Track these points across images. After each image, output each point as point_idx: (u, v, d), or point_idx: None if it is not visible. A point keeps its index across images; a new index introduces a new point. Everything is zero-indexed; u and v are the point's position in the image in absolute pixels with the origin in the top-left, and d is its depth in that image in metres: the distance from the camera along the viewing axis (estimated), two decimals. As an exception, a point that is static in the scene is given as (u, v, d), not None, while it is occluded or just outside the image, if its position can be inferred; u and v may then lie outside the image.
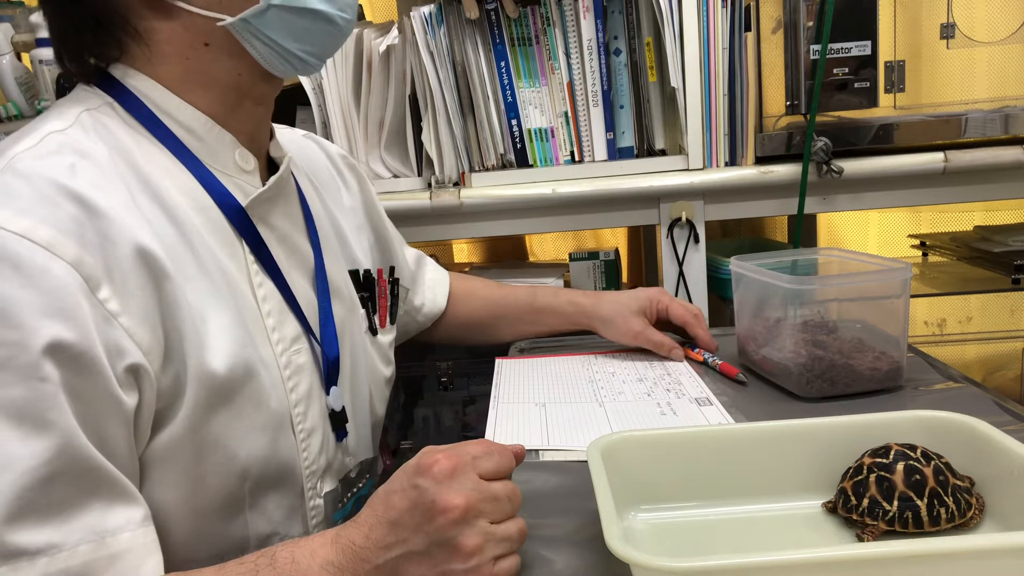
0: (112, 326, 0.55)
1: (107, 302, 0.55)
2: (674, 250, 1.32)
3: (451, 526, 0.51)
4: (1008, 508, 0.57)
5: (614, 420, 0.82)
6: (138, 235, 0.58)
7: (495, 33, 1.29)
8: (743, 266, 0.94)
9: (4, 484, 0.49)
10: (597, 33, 1.29)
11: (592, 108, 1.31)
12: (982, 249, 1.45)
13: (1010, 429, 0.60)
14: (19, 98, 1.55)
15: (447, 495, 0.52)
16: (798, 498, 0.63)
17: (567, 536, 0.62)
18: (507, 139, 1.31)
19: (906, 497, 0.57)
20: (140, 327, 0.57)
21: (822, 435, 0.64)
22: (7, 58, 1.55)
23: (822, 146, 1.23)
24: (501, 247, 1.97)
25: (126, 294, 0.57)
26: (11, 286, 0.51)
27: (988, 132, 1.24)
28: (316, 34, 0.68)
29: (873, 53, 1.24)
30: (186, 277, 0.61)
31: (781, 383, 0.89)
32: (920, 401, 0.83)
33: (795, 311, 0.87)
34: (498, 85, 1.30)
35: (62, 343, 0.52)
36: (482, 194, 1.30)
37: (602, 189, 1.29)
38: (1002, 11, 1.23)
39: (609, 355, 1.05)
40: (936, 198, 1.30)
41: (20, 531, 0.49)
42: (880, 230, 1.89)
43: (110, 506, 0.54)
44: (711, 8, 1.24)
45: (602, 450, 0.61)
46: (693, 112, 1.28)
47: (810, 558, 0.46)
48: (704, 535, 0.61)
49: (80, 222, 0.55)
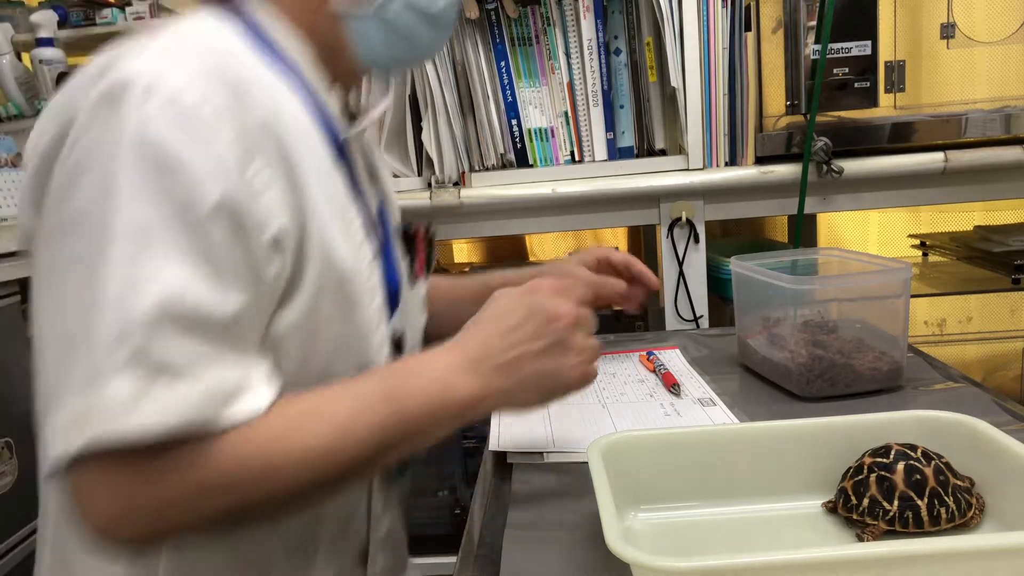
0: (262, 197, 0.58)
1: (258, 174, 0.58)
2: (674, 250, 1.32)
3: (564, 329, 0.63)
4: (1008, 508, 0.57)
5: (618, 421, 0.82)
6: (279, 120, 0.61)
7: (495, 33, 1.29)
8: (743, 266, 0.94)
9: (151, 306, 0.51)
10: (597, 33, 1.29)
11: (592, 108, 1.31)
12: (982, 249, 1.45)
13: (1010, 429, 0.60)
14: (19, 98, 1.55)
15: (561, 306, 0.63)
16: (798, 498, 0.63)
17: (567, 536, 0.62)
18: (507, 139, 1.31)
19: (906, 497, 0.57)
20: (281, 204, 0.59)
21: (822, 435, 0.64)
22: (7, 58, 1.55)
23: (822, 146, 1.23)
24: (501, 247, 1.97)
25: (272, 171, 0.59)
26: (185, 145, 0.53)
27: (988, 132, 1.24)
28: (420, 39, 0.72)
29: (873, 53, 1.24)
30: (310, 173, 0.64)
31: (781, 383, 0.89)
32: (920, 401, 0.83)
33: (795, 311, 0.87)
34: (498, 85, 1.30)
35: (227, 203, 0.54)
36: (482, 194, 1.30)
37: (602, 189, 1.29)
38: (1002, 11, 1.23)
39: (609, 356, 1.05)
40: (936, 198, 1.30)
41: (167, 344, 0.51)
42: (880, 230, 1.89)
43: (245, 356, 0.56)
44: (711, 8, 1.24)
45: (602, 450, 0.61)
46: (693, 112, 1.28)
47: (810, 558, 0.46)
48: (704, 535, 0.61)
49: (241, 98, 0.58)
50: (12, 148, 1.34)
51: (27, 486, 1.14)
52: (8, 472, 1.11)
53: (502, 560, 0.59)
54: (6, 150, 1.33)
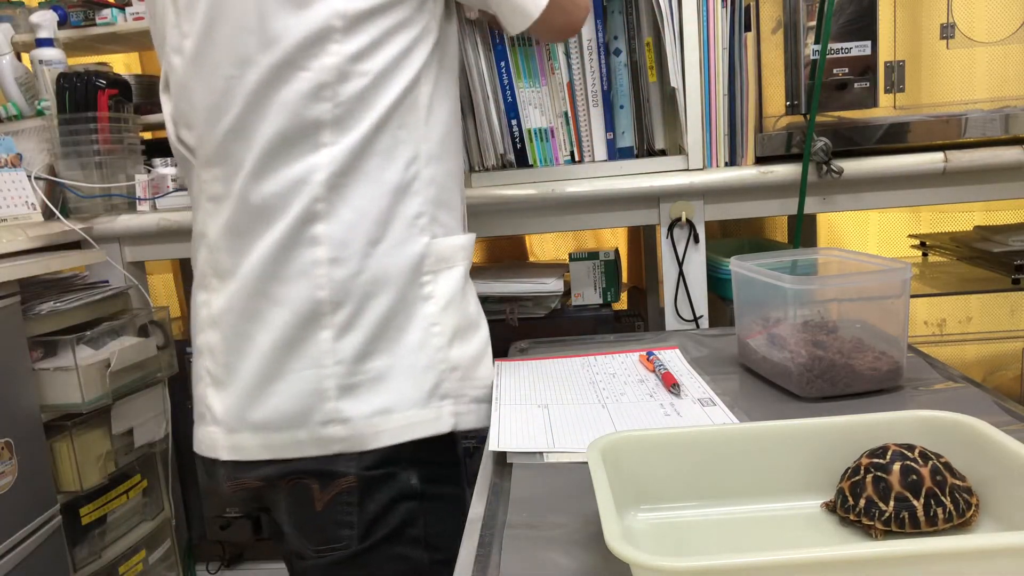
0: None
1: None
2: (674, 250, 1.32)
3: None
4: (1008, 508, 0.57)
5: (618, 421, 0.82)
6: None
7: (495, 33, 1.29)
8: (743, 266, 0.95)
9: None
10: (597, 33, 1.29)
11: (592, 108, 1.31)
12: (982, 249, 1.45)
13: (1010, 429, 0.60)
14: (19, 98, 1.55)
15: None
16: (798, 498, 0.63)
17: (567, 536, 0.62)
18: (507, 139, 1.31)
19: (902, 497, 0.57)
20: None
21: (822, 435, 0.64)
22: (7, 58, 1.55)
23: (822, 146, 1.23)
24: (501, 247, 1.97)
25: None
26: None
27: (988, 132, 1.24)
28: None
29: (873, 53, 1.24)
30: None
31: (781, 383, 0.89)
32: (920, 401, 0.83)
33: (795, 311, 0.87)
34: (498, 85, 1.30)
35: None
36: (482, 194, 1.30)
37: (602, 189, 1.29)
38: (1002, 11, 1.23)
39: (609, 356, 1.05)
40: (936, 198, 1.30)
41: None
42: (880, 230, 1.89)
43: None
44: (711, 8, 1.24)
45: (602, 450, 0.61)
46: (693, 112, 1.28)
47: (810, 558, 0.46)
48: (704, 535, 0.61)
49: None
50: (12, 148, 1.34)
51: (27, 486, 1.14)
52: (8, 472, 1.11)
53: (502, 560, 0.59)
54: (6, 150, 1.33)
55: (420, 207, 0.87)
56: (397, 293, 0.85)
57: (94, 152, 1.39)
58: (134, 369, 1.33)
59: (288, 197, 0.82)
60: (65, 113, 1.38)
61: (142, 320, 1.38)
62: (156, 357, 1.39)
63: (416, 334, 0.86)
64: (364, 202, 0.83)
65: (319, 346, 0.83)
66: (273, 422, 0.84)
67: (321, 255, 0.82)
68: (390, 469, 0.86)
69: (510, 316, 1.47)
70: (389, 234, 0.84)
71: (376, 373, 0.84)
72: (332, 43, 0.80)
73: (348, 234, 0.83)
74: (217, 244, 0.88)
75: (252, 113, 0.82)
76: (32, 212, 1.34)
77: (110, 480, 1.34)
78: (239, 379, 0.86)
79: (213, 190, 0.88)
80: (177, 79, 0.89)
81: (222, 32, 0.82)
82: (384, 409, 0.84)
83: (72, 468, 1.25)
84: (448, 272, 0.89)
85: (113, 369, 1.26)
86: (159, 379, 1.42)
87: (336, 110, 0.81)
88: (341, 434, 0.83)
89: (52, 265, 1.26)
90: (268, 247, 0.83)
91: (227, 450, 0.87)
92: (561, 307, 1.51)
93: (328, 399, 0.83)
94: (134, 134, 1.47)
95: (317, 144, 0.82)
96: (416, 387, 0.85)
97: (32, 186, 1.35)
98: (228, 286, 0.87)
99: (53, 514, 1.20)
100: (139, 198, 1.43)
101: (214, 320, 0.89)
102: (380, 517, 0.86)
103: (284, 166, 0.82)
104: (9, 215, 1.30)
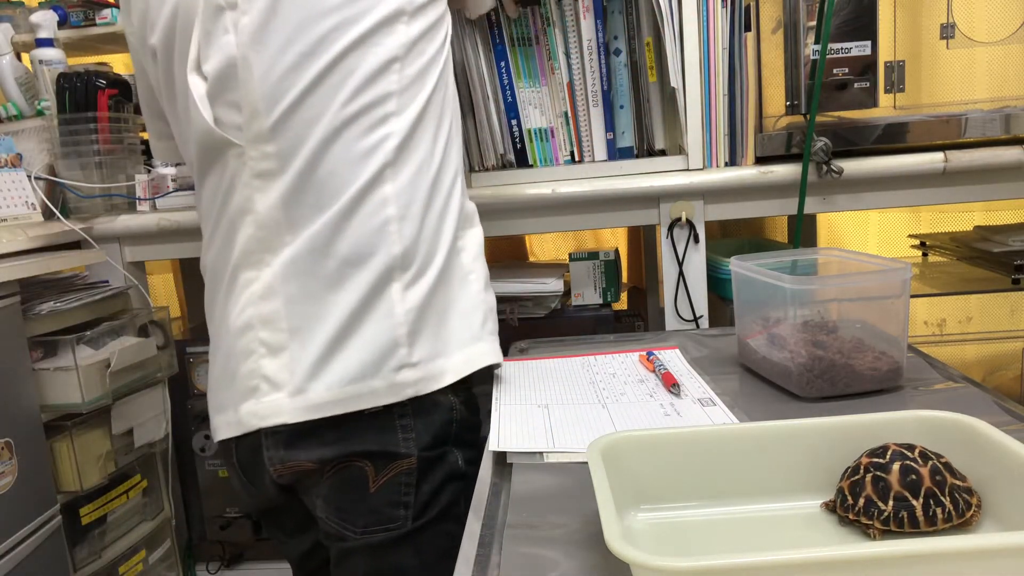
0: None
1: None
2: (674, 250, 1.32)
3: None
4: (1008, 508, 0.57)
5: (618, 421, 0.82)
6: None
7: (495, 33, 1.29)
8: (743, 266, 0.95)
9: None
10: (597, 33, 1.29)
11: (592, 108, 1.31)
12: (982, 249, 1.45)
13: (1010, 429, 0.60)
14: (19, 98, 1.55)
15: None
16: (798, 498, 0.63)
17: (567, 536, 0.62)
18: (507, 139, 1.31)
19: (901, 497, 0.57)
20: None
21: (822, 435, 0.64)
22: (7, 58, 1.55)
23: (822, 146, 1.23)
24: (501, 247, 1.97)
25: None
26: None
27: (988, 132, 1.24)
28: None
29: (873, 53, 1.24)
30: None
31: (781, 383, 0.89)
32: (920, 401, 0.83)
33: (795, 311, 0.87)
34: (498, 85, 1.30)
35: None
36: (482, 194, 1.30)
37: (602, 189, 1.29)
38: (1002, 11, 1.23)
39: (609, 356, 1.05)
40: (936, 198, 1.30)
41: None
42: (880, 230, 1.89)
43: None
44: (711, 8, 1.24)
45: (602, 450, 0.61)
46: (693, 112, 1.28)
47: (810, 558, 0.46)
48: (704, 535, 0.61)
49: None
50: (12, 148, 1.34)
51: (27, 486, 1.14)
52: (8, 472, 1.11)
53: (502, 560, 0.59)
54: (6, 150, 1.33)
55: (455, 171, 0.96)
56: (449, 245, 0.93)
57: (94, 152, 1.39)
58: (134, 369, 1.33)
59: (359, 166, 0.87)
60: (65, 113, 1.38)
61: (142, 320, 1.38)
62: (156, 357, 1.39)
63: (459, 280, 0.95)
64: (421, 164, 0.91)
65: (391, 298, 0.89)
66: (349, 374, 0.87)
67: (392, 213, 0.88)
68: (443, 449, 0.91)
69: (510, 316, 1.47)
70: (438, 192, 0.93)
71: (436, 318, 0.91)
72: (400, 24, 0.89)
73: (412, 193, 0.90)
74: (271, 217, 0.89)
75: (321, 87, 0.86)
76: (32, 212, 1.34)
77: (110, 480, 1.34)
78: (312, 340, 0.88)
79: (263, 166, 0.88)
80: (226, 56, 0.87)
81: (291, 7, 0.85)
82: (446, 349, 0.91)
83: (72, 468, 1.25)
84: (472, 230, 0.99)
85: (113, 369, 1.26)
86: (159, 379, 1.42)
87: (402, 81, 0.89)
88: (412, 378, 0.88)
89: (52, 265, 1.26)
90: (336, 213, 0.87)
91: (293, 412, 0.88)
92: (561, 307, 1.51)
93: (400, 346, 0.88)
94: (134, 134, 1.47)
95: (386, 114, 0.88)
96: (469, 327, 0.94)
97: (32, 186, 1.35)
98: (286, 255, 0.89)
99: (53, 514, 1.20)
100: (139, 198, 1.43)
101: (269, 291, 0.89)
102: (433, 497, 0.91)
103: (355, 137, 0.87)
104: (9, 215, 1.30)
